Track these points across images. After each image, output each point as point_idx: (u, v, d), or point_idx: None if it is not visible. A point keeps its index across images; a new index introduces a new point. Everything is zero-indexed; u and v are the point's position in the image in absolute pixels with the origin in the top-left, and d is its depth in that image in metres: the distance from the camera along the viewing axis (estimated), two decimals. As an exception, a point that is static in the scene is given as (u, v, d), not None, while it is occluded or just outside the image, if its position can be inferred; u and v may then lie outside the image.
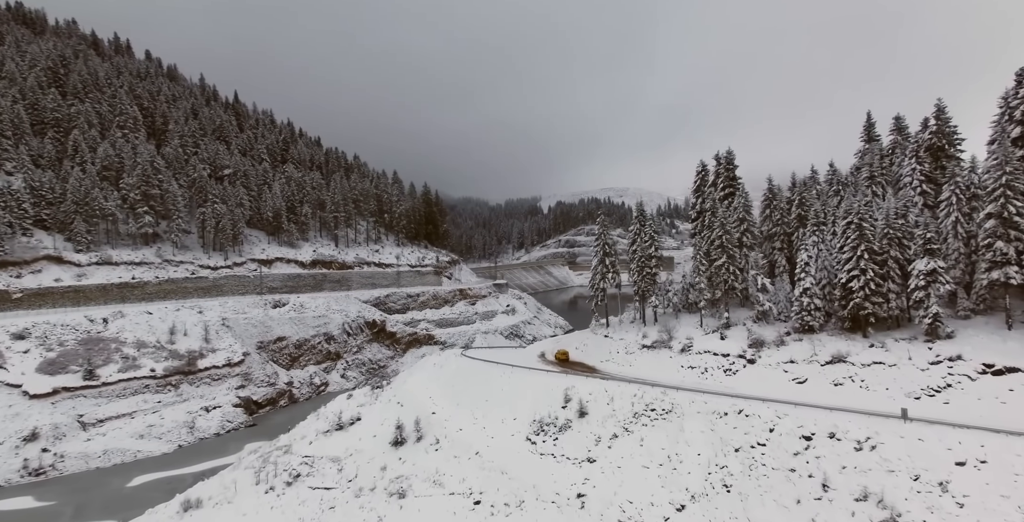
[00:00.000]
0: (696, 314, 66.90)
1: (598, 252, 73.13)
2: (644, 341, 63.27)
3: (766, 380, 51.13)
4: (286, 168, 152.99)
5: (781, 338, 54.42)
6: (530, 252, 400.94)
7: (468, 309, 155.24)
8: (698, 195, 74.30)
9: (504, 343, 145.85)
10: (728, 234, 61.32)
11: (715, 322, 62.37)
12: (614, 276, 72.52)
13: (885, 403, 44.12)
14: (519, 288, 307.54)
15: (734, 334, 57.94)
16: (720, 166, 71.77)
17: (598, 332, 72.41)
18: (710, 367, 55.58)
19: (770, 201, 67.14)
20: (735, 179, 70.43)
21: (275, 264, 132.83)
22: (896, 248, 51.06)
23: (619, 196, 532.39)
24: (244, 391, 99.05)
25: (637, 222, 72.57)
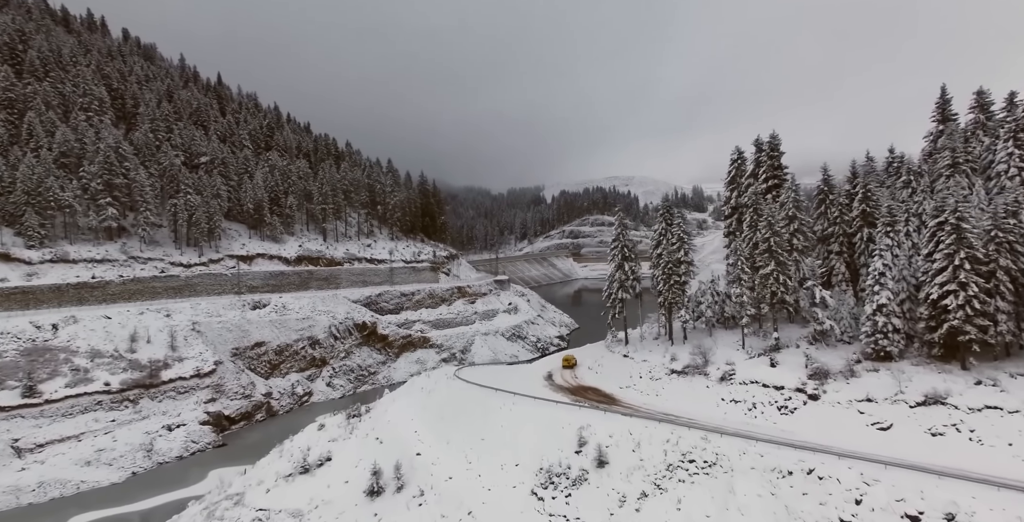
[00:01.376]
0: (734, 330, 56.01)
1: (615, 256, 61.99)
2: (673, 365, 52.28)
3: (836, 424, 40.14)
4: (270, 156, 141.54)
5: (850, 367, 43.38)
6: (533, 243, 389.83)
7: (467, 308, 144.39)
8: (733, 187, 63.06)
9: (506, 346, 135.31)
10: (777, 235, 50.06)
11: (761, 343, 51.35)
12: (633, 284, 61.48)
13: (1013, 466, 33.15)
14: (522, 281, 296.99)
15: (787, 359, 46.87)
16: (761, 153, 60.33)
17: (615, 350, 61.45)
18: (760, 402, 44.58)
19: (825, 195, 55.74)
20: (780, 168, 59.04)
21: (256, 261, 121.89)
22: (1007, 256, 39.84)
23: (624, 185, 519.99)
24: (214, 405, 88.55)
25: (663, 220, 61.46)
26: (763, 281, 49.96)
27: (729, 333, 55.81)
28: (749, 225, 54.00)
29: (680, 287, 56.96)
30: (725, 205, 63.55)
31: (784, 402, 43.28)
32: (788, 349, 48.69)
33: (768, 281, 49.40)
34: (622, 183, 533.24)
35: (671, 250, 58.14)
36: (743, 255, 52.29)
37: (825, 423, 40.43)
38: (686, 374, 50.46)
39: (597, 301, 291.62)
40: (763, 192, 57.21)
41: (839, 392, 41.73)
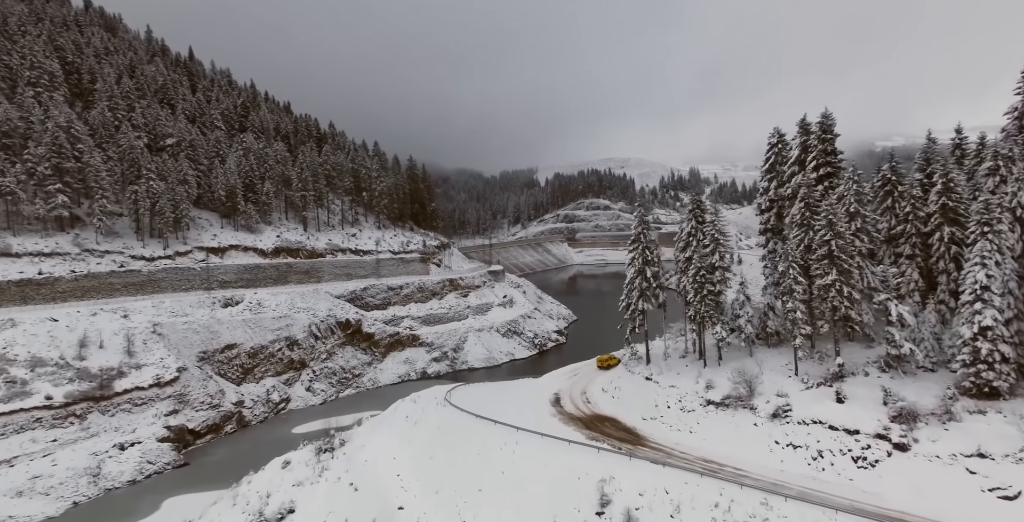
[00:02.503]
0: (779, 349, 46.88)
1: (635, 258, 52.27)
2: (709, 394, 43.04)
3: (938, 487, 31.09)
4: (245, 138, 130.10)
5: (946, 407, 34.27)
6: (527, 227, 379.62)
7: (459, 302, 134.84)
8: (771, 176, 53.17)
9: (501, 343, 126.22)
10: (839, 238, 40.45)
11: (818, 368, 42.13)
12: (657, 292, 51.97)
13: None
14: (516, 268, 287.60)
15: (857, 392, 37.68)
16: (809, 136, 50.44)
17: (635, 370, 52.14)
18: (828, 451, 35.45)
19: (893, 186, 46.06)
20: (834, 154, 49.16)
21: (228, 253, 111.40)
22: None
23: (620, 167, 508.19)
24: (177, 418, 79.04)
25: (691, 217, 51.71)
26: (822, 293, 40.57)
27: (774, 353, 46.57)
28: (799, 224, 44.38)
29: (715, 298, 47.43)
30: (762, 197, 53.77)
31: (862, 452, 34.19)
32: (855, 378, 39.52)
33: (829, 294, 40.03)
34: (617, 165, 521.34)
35: (703, 254, 48.36)
36: (794, 260, 42.70)
37: (922, 484, 31.39)
38: (727, 406, 41.28)
39: (594, 288, 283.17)
40: (814, 182, 47.47)
41: (936, 442, 32.68)
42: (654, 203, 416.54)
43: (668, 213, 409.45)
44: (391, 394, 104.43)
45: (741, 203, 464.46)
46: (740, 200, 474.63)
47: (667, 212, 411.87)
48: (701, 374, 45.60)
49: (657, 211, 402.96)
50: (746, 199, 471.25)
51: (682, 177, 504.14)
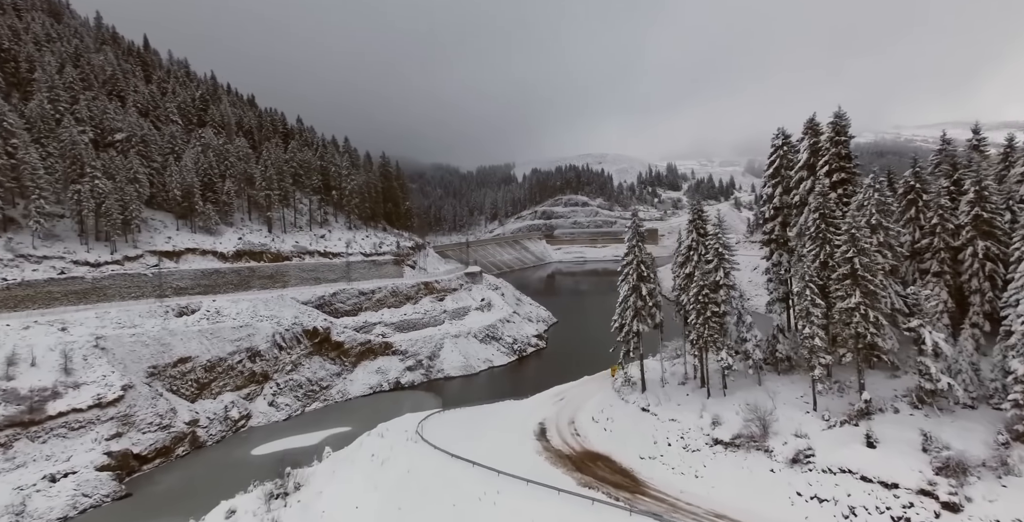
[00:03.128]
0: (790, 376, 41.85)
1: (629, 274, 46.64)
2: (716, 431, 37.77)
3: (999, 560, 26.16)
4: (203, 133, 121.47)
5: (1000, 457, 29.45)
6: (504, 224, 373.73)
7: (435, 307, 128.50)
8: (776, 181, 48.04)
9: (479, 349, 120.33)
10: (864, 254, 35.41)
11: (838, 401, 37.11)
12: (653, 311, 46.54)
13: None
14: (494, 266, 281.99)
15: (889, 434, 32.70)
16: (818, 138, 45.45)
17: (629, 397, 46.69)
18: (862, 507, 30.36)
19: (917, 194, 41.25)
20: (849, 158, 44.17)
21: (185, 257, 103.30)
22: None
23: (598, 163, 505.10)
24: (120, 442, 71.52)
25: (692, 228, 46.34)
26: (845, 318, 35.58)
27: (785, 381, 41.49)
28: (814, 237, 39.29)
29: (719, 320, 42.09)
30: (765, 204, 48.63)
31: (903, 511, 29.16)
32: (884, 416, 34.59)
33: (852, 319, 35.05)
34: (595, 161, 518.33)
35: (706, 271, 43.00)
36: (810, 279, 37.54)
37: (980, 557, 26.48)
38: (737, 447, 36.08)
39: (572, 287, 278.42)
40: (829, 191, 42.43)
41: (994, 502, 27.77)
42: (632, 199, 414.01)
43: (646, 209, 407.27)
44: (361, 407, 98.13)
45: (718, 199, 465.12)
46: (717, 196, 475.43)
47: (645, 208, 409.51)
48: (705, 407, 40.35)
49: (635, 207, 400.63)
50: (723, 195, 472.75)
51: (660, 173, 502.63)
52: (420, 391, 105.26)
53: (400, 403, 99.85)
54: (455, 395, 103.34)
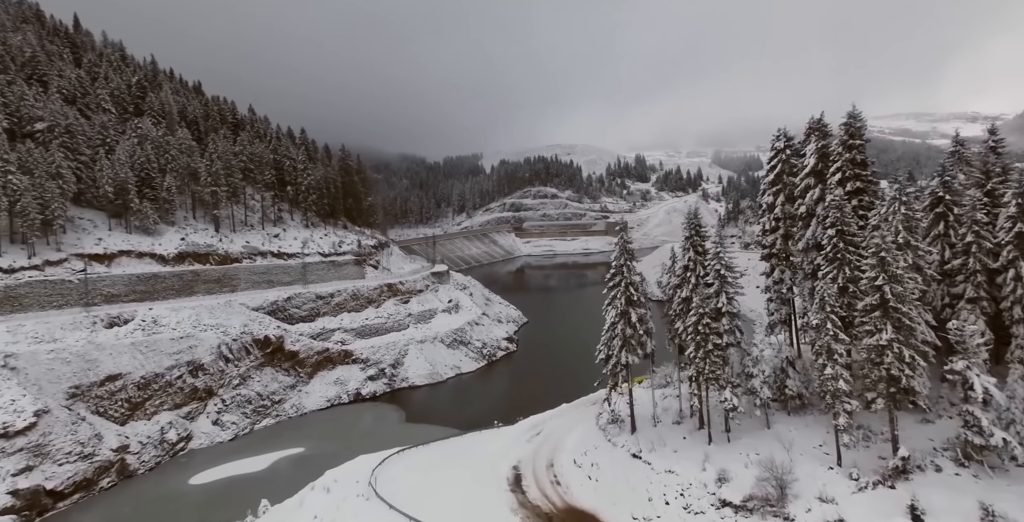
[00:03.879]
0: (803, 416, 36.54)
1: (616, 297, 40.53)
2: (723, 490, 32.15)
3: None
4: (141, 123, 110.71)
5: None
6: (472, 217, 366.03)
7: (399, 310, 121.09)
8: (777, 188, 42.42)
9: (446, 355, 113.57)
10: (896, 281, 29.98)
11: (867, 455, 31.83)
12: (644, 340, 40.56)
13: None
14: (462, 261, 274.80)
15: (937, 502, 27.38)
16: (826, 140, 39.95)
17: (617, 439, 40.75)
18: (908, 596, 25.02)
19: (947, 207, 35.93)
20: (865, 165, 38.68)
21: (118, 260, 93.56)
22: None
23: (567, 154, 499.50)
24: (31, 476, 62.78)
25: (690, 247, 40.28)
26: (874, 357, 30.21)
27: (798, 423, 36.00)
28: (832, 258, 33.79)
29: (721, 354, 36.25)
30: (765, 215, 42.99)
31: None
32: (924, 475, 29.35)
33: (883, 358, 29.71)
34: (564, 152, 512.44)
35: (706, 296, 37.04)
36: (832, 311, 31.92)
37: None
38: (750, 512, 30.47)
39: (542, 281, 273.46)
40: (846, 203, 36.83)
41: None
42: (601, 191, 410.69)
43: (615, 201, 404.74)
44: (318, 422, 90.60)
45: (686, 191, 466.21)
46: (685, 188, 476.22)
47: (614, 200, 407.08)
48: (708, 457, 34.74)
49: (604, 199, 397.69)
50: (691, 187, 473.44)
51: (628, 164, 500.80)
52: (383, 403, 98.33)
53: (360, 417, 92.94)
54: (420, 407, 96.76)
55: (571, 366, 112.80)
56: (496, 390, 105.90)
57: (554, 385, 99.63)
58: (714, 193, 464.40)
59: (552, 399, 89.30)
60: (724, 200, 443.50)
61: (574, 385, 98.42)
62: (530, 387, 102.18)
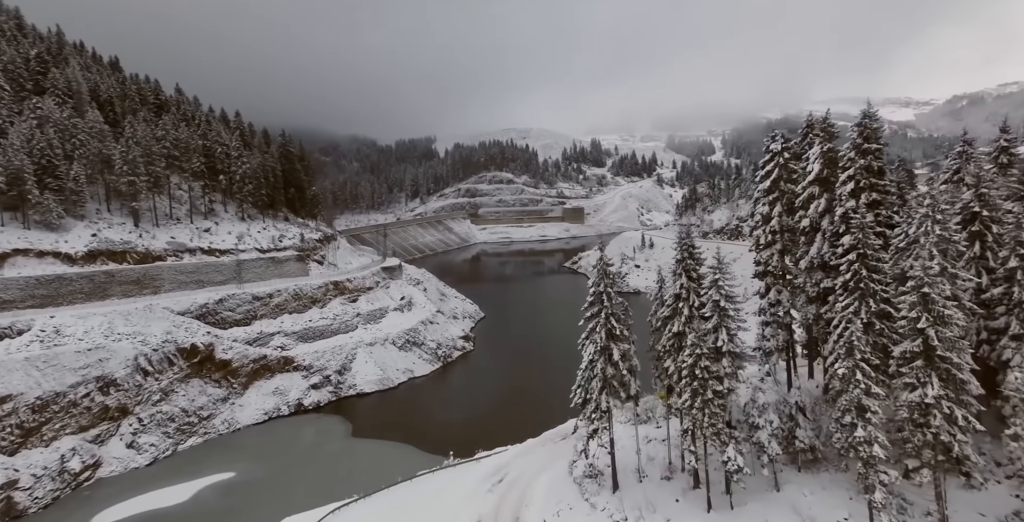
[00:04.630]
0: (814, 474, 31.07)
1: (595, 330, 33.73)
2: (731, 572, 26.25)
3: None
4: (41, 103, 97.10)
5: None
6: (426, 202, 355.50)
7: (347, 309, 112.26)
8: (774, 197, 36.48)
9: (397, 358, 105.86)
10: (942, 323, 24.31)
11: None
12: (628, 380, 34.09)
13: None
14: (416, 249, 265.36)
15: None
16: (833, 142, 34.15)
17: (596, 500, 34.24)
18: None
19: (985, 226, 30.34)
20: (883, 173, 32.82)
21: (13, 260, 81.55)
22: None
23: (522, 138, 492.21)
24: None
25: (682, 271, 33.69)
26: (917, 416, 24.57)
27: (812, 484, 30.29)
28: (853, 288, 27.99)
29: (722, 402, 30.00)
30: (760, 227, 36.94)
31: None
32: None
33: (929, 419, 24.12)
34: (519, 136, 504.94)
35: (703, 332, 30.59)
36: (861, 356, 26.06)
37: None
38: (765, 604, 24.79)
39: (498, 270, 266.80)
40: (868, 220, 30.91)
41: None
42: (557, 176, 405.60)
43: (572, 186, 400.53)
44: (253, 439, 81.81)
45: (641, 176, 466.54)
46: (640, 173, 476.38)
47: (570, 185, 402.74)
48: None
49: (560, 184, 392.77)
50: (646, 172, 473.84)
51: (584, 149, 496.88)
52: (327, 414, 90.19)
53: (301, 431, 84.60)
54: (369, 417, 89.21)
55: (530, 366, 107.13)
56: (451, 396, 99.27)
57: (513, 392, 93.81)
58: (668, 178, 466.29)
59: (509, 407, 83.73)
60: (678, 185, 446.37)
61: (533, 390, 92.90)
62: (487, 392, 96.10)
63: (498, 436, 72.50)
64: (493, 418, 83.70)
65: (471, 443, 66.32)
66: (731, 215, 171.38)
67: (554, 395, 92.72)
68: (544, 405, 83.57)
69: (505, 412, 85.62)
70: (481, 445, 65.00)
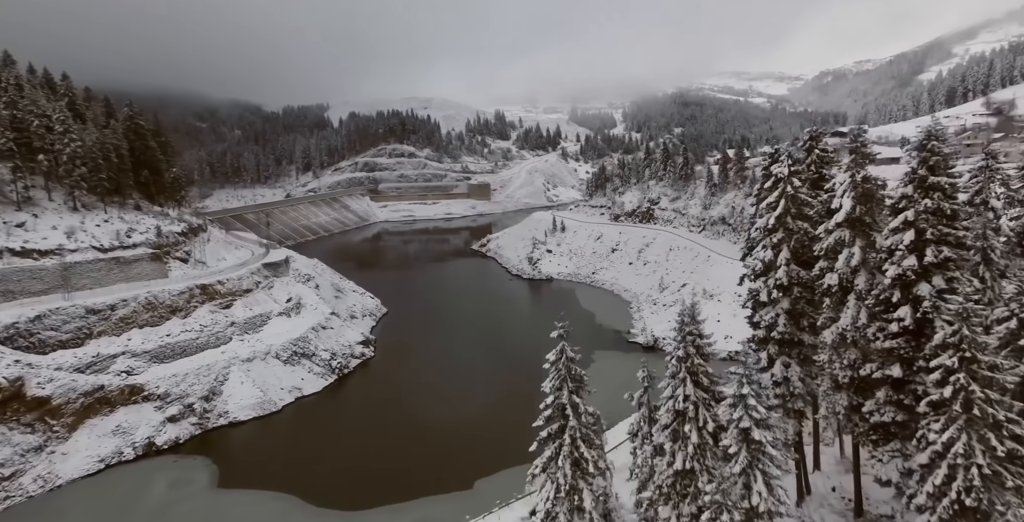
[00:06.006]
0: None
1: (556, 461, 22.41)
2: None
3: None
4: None
5: None
6: (320, 177, 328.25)
7: (218, 318, 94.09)
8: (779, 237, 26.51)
9: (283, 374, 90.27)
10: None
11: None
12: (592, 481, 23.06)
13: None
14: (309, 231, 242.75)
15: None
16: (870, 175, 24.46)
17: None
18: None
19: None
20: (955, 217, 23.10)
21: None
22: None
23: (423, 108, 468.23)
24: None
25: (685, 376, 22.44)
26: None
27: None
28: (951, 413, 18.36)
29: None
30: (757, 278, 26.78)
31: None
32: None
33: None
34: (420, 106, 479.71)
35: (724, 481, 19.15)
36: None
37: None
38: None
39: (401, 250, 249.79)
40: (912, 274, 21.44)
41: None
42: (461, 150, 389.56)
43: (477, 161, 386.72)
44: (80, 497, 64.10)
45: (546, 149, 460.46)
46: (545, 146, 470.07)
47: (475, 159, 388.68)
48: None
49: (465, 159, 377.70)
50: (551, 145, 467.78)
51: (488, 121, 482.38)
52: (188, 455, 73.22)
53: (149, 482, 66.88)
54: (243, 456, 73.87)
55: (441, 372, 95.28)
56: (349, 417, 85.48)
57: (421, 409, 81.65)
58: (573, 152, 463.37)
59: (420, 430, 71.90)
60: (583, 159, 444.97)
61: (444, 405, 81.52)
62: (391, 412, 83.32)
63: (408, 477, 61.66)
64: (400, 448, 71.86)
65: (372, 488, 55.26)
66: (642, 197, 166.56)
67: (472, 410, 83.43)
68: (463, 424, 73.69)
69: (415, 437, 74.07)
70: (386, 492, 54.35)
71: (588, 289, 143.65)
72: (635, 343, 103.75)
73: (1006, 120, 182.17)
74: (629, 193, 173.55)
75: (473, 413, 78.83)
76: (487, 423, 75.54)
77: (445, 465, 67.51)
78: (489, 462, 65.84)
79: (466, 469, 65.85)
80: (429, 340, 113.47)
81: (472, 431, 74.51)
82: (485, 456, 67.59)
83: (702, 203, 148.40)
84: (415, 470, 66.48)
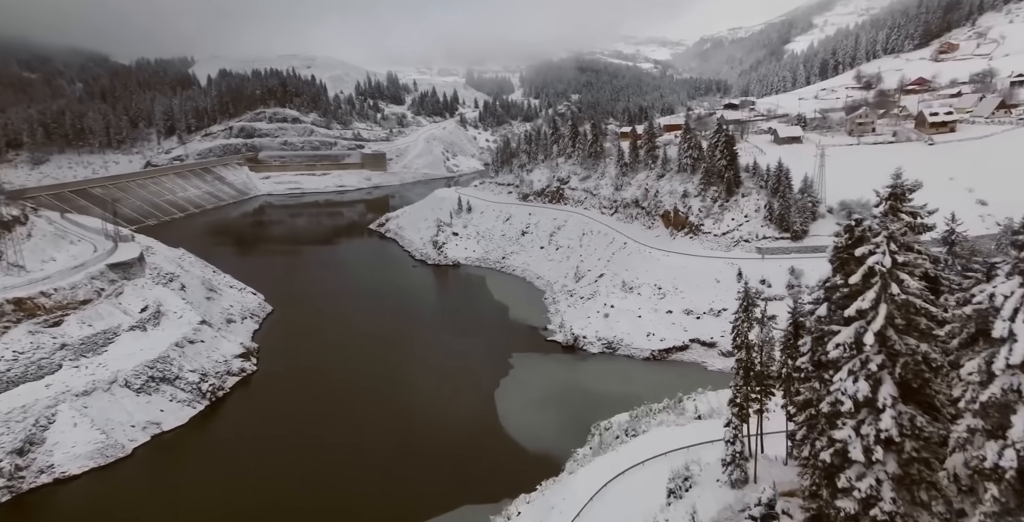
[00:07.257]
0: None
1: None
2: None
3: None
4: None
5: None
6: (187, 143, 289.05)
7: (42, 341, 73.73)
8: (876, 363, 16.80)
9: (133, 409, 73.04)
10: None
11: None
12: None
13: None
14: (176, 207, 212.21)
15: None
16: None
17: None
18: None
19: None
20: None
21: None
22: None
23: (306, 67, 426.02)
24: None
25: None
26: None
27: None
28: None
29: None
30: (827, 418, 17.21)
31: None
32: None
33: None
34: (303, 64, 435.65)
35: None
36: None
37: None
38: None
39: (288, 228, 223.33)
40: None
41: None
42: (352, 115, 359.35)
43: (370, 127, 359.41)
44: None
45: (443, 115, 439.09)
46: (442, 112, 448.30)
47: (368, 126, 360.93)
48: None
49: (357, 125, 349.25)
50: (448, 111, 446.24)
51: (380, 83, 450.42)
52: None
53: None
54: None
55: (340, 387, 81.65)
56: (222, 454, 70.04)
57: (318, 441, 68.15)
58: (471, 119, 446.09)
59: (316, 466, 57.46)
60: (482, 127, 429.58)
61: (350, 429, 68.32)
62: (278, 442, 69.00)
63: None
64: (291, 487, 59.23)
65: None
66: (551, 175, 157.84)
67: (376, 430, 71.24)
68: (370, 454, 62.31)
69: (311, 471, 61.55)
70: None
71: (499, 276, 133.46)
72: (554, 341, 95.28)
73: (882, 96, 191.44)
74: (537, 171, 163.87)
75: (378, 434, 68.13)
76: (397, 448, 64.86)
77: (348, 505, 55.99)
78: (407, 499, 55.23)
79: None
80: (324, 344, 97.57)
81: (379, 458, 63.87)
82: (401, 489, 57.17)
83: (613, 184, 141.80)
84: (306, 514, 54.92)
